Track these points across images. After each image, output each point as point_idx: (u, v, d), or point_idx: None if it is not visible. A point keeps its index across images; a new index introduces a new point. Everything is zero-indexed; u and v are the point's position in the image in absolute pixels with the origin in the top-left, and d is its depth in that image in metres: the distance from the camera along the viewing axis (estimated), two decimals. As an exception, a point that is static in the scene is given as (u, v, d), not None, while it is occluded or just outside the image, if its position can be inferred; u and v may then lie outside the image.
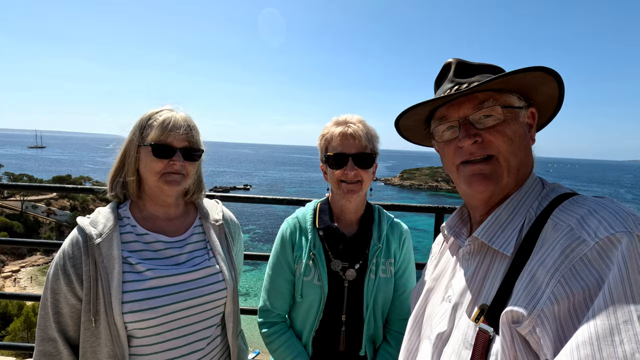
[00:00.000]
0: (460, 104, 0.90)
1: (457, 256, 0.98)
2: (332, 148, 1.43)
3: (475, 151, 0.87)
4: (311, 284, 1.44)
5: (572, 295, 0.62)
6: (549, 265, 0.68)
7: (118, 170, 1.31)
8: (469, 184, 0.90)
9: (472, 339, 0.77)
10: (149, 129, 1.24)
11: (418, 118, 1.03)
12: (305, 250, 1.47)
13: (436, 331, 0.90)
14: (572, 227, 0.70)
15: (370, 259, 1.45)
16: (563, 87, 0.86)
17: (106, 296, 1.13)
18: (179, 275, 1.25)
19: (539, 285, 0.67)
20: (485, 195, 0.90)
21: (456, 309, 0.88)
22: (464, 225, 1.03)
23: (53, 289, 1.16)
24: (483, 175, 0.87)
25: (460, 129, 0.89)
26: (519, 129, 0.87)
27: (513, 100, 0.88)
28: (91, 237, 1.17)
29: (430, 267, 1.16)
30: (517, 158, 0.87)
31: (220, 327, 1.39)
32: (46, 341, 1.15)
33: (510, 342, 0.69)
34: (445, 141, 0.95)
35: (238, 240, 1.57)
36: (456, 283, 0.92)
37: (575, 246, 0.66)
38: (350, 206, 1.50)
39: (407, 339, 1.05)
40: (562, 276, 0.65)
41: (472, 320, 0.80)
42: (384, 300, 1.47)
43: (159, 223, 1.33)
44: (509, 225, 0.84)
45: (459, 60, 0.93)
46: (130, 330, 1.16)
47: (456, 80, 0.91)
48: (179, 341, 1.23)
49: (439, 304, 0.97)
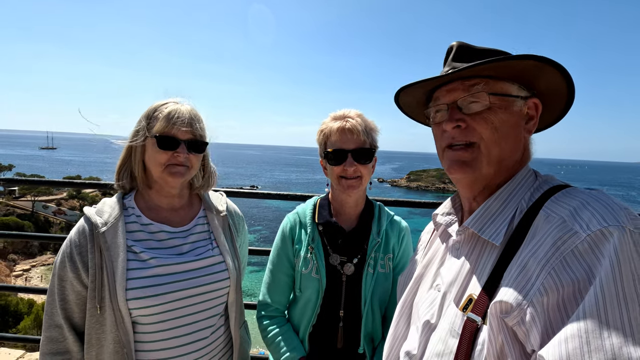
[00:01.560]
0: (451, 88, 0.89)
1: (447, 245, 0.98)
2: (330, 144, 1.43)
3: (457, 136, 0.87)
4: (309, 277, 1.45)
5: (561, 287, 0.62)
6: (540, 256, 0.67)
7: (125, 160, 1.34)
8: (448, 169, 0.91)
9: (460, 328, 0.77)
10: (154, 120, 1.26)
11: (417, 99, 1.03)
12: (304, 244, 1.48)
13: (423, 319, 0.90)
14: (565, 218, 0.69)
15: (368, 253, 1.45)
16: (570, 78, 0.83)
17: (111, 283, 1.15)
18: (183, 264, 1.27)
19: (529, 276, 0.67)
20: (465, 182, 0.91)
21: (444, 297, 0.88)
22: (455, 213, 1.03)
23: (60, 276, 1.19)
24: (462, 162, 0.87)
25: (448, 112, 0.89)
26: (508, 118, 0.85)
27: (509, 89, 0.86)
28: (97, 225, 1.20)
29: (420, 254, 1.15)
30: (500, 147, 0.85)
31: (224, 317, 1.41)
32: (52, 327, 1.18)
33: (497, 332, 0.69)
34: (436, 124, 0.95)
35: (242, 232, 1.58)
36: (445, 272, 0.92)
37: (566, 238, 0.66)
38: (350, 200, 1.50)
39: (394, 326, 1.04)
40: (553, 268, 0.65)
41: (459, 309, 0.80)
42: (382, 296, 1.46)
43: (163, 213, 1.35)
44: (499, 215, 0.84)
45: (460, 44, 0.92)
46: (135, 316, 1.18)
47: (452, 64, 0.90)
48: (183, 329, 1.25)
49: (427, 291, 0.97)
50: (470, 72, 0.84)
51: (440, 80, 0.88)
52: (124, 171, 1.34)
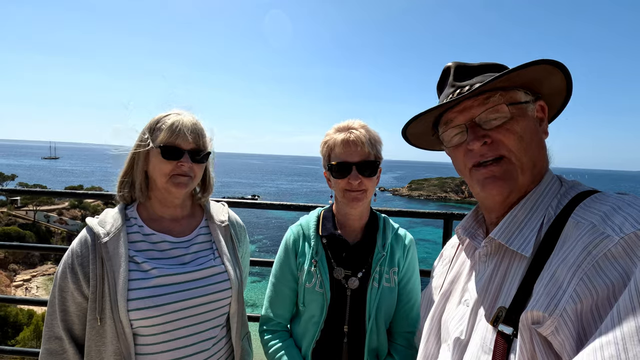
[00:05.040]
0: (464, 107, 0.88)
1: (474, 258, 0.95)
2: (334, 156, 1.39)
3: (485, 152, 0.86)
4: (313, 291, 1.41)
5: (595, 293, 0.60)
6: (570, 262, 0.65)
7: (127, 172, 1.34)
8: (482, 187, 0.88)
9: (492, 343, 0.74)
10: (157, 131, 1.27)
11: (425, 125, 1.02)
12: (308, 257, 1.45)
13: (454, 336, 0.88)
14: (595, 223, 0.67)
15: (373, 267, 1.42)
16: (570, 78, 0.85)
17: (112, 294, 1.14)
18: (185, 274, 1.26)
19: (559, 284, 0.65)
20: (501, 198, 0.88)
21: (474, 312, 0.85)
22: (479, 226, 1.00)
23: (61, 287, 1.18)
24: (496, 177, 0.85)
25: (468, 131, 0.87)
26: (528, 125, 0.85)
27: (519, 96, 0.86)
28: (99, 236, 1.20)
29: (441, 270, 1.13)
30: (530, 155, 0.84)
31: (226, 329, 1.39)
32: (52, 339, 1.17)
33: (530, 343, 0.66)
34: (455, 145, 0.93)
35: (244, 242, 1.58)
36: (472, 286, 0.89)
37: (598, 242, 0.64)
38: (355, 213, 1.47)
39: (423, 344, 1.01)
40: (585, 274, 0.62)
41: (490, 323, 0.77)
42: (387, 311, 1.42)
43: (166, 224, 1.35)
44: (527, 224, 0.82)
45: (457, 64, 0.92)
46: (136, 328, 1.17)
47: (457, 84, 0.90)
48: (185, 340, 1.23)
49: (455, 307, 0.94)
50: (487, 87, 0.83)
51: (456, 102, 0.87)
52: (126, 182, 1.34)
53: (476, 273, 0.91)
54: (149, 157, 1.29)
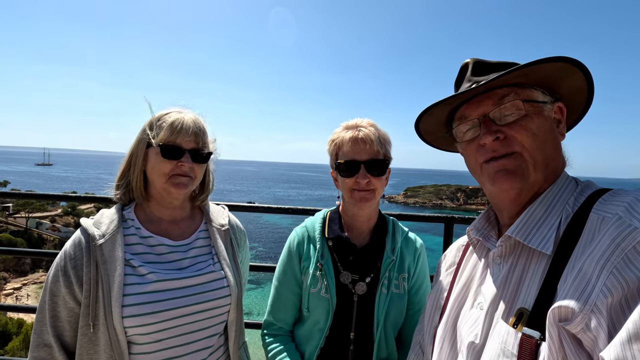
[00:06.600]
0: (479, 102, 0.87)
1: (487, 260, 0.92)
2: (342, 155, 1.35)
3: (498, 148, 0.84)
4: (318, 296, 1.36)
5: (626, 286, 0.59)
6: (598, 256, 0.63)
7: (125, 171, 1.29)
8: (493, 181, 0.86)
9: (515, 347, 0.70)
10: (158, 130, 1.23)
11: (438, 121, 1.00)
12: (313, 260, 1.39)
13: (467, 341, 0.84)
14: (621, 215, 0.66)
15: (382, 272, 1.36)
16: (591, 79, 0.83)
17: (106, 299, 1.08)
18: (183, 279, 1.20)
19: (588, 278, 0.63)
20: (513, 193, 0.86)
21: (489, 315, 0.82)
22: (491, 228, 0.98)
23: (52, 291, 1.12)
24: (507, 170, 0.83)
25: (481, 126, 0.86)
26: (543, 124, 0.84)
27: (536, 95, 0.85)
28: (94, 237, 1.14)
29: (445, 273, 1.10)
30: (543, 153, 0.83)
31: (224, 337, 1.33)
32: (41, 347, 1.10)
33: (559, 343, 0.63)
34: (467, 141, 0.92)
35: (244, 247, 1.52)
36: (487, 288, 0.86)
37: (626, 234, 0.63)
38: (363, 214, 1.41)
39: (437, 352, 0.97)
40: (615, 266, 0.61)
41: (510, 325, 0.74)
42: (396, 318, 1.37)
43: (164, 226, 1.30)
44: (545, 221, 0.80)
45: (476, 60, 0.92)
46: (130, 335, 1.11)
47: (474, 79, 0.89)
48: (181, 349, 1.17)
49: (468, 311, 0.91)
50: (499, 82, 0.82)
51: (470, 93, 0.86)
52: (123, 182, 1.29)
53: (490, 274, 0.88)
54: (148, 156, 1.24)
